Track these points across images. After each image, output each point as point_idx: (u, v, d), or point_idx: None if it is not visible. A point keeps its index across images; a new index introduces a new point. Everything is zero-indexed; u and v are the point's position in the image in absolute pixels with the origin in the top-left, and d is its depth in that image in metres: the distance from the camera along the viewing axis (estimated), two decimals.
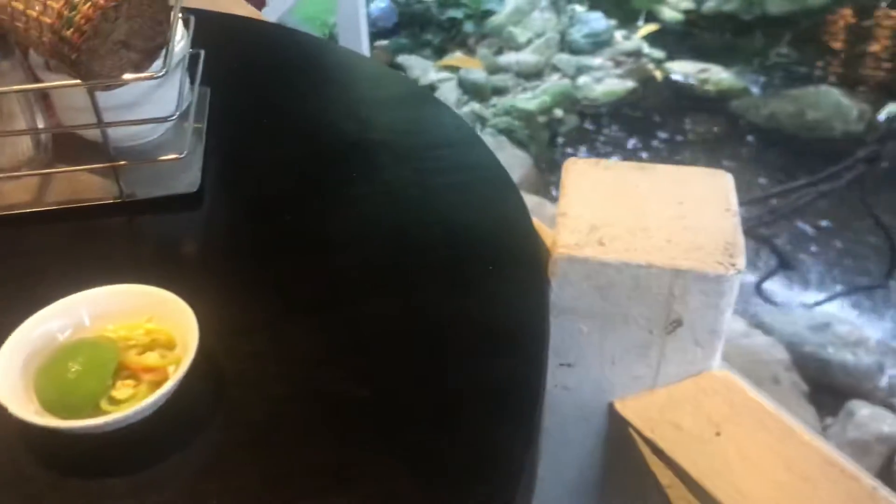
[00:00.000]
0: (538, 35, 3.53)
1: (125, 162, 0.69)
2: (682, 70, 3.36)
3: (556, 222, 0.66)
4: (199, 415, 0.52)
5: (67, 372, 0.50)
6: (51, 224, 0.68)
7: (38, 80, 0.68)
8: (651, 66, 3.40)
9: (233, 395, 0.53)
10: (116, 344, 0.52)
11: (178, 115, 0.68)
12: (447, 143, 0.81)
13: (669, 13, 3.70)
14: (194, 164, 0.72)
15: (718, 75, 3.27)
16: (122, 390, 0.50)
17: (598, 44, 3.50)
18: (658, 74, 3.36)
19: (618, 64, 3.41)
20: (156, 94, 0.70)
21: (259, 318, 0.60)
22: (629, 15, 3.69)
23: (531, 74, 3.34)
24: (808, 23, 3.58)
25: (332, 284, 0.63)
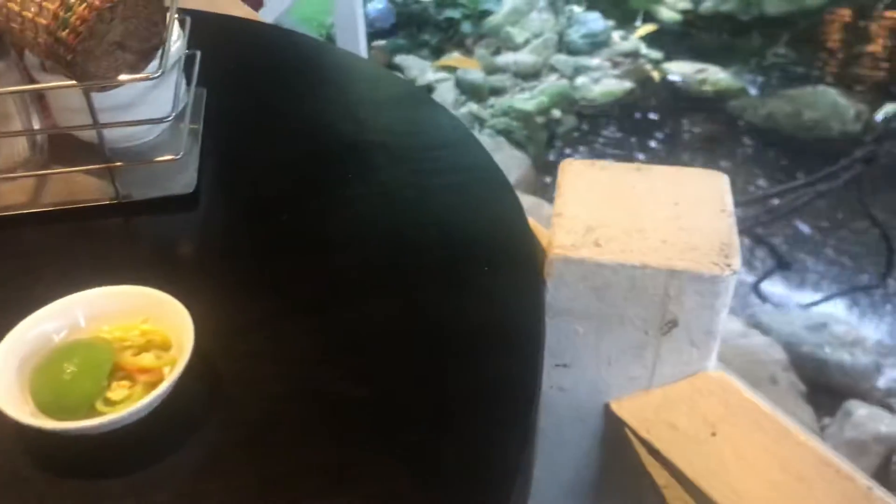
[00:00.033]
0: (536, 35, 3.53)
1: (121, 163, 0.69)
2: (679, 70, 3.36)
3: (551, 223, 0.66)
4: (195, 415, 0.51)
5: (63, 373, 0.50)
6: (47, 225, 0.68)
7: (33, 81, 0.68)
8: (649, 67, 3.40)
9: (229, 395, 0.53)
10: (112, 345, 0.52)
11: (174, 117, 0.68)
12: (444, 144, 0.81)
13: (667, 13, 3.71)
14: (190, 165, 0.72)
15: (716, 75, 3.28)
16: (118, 391, 0.50)
17: (595, 44, 3.51)
18: (656, 75, 3.37)
19: (615, 64, 3.41)
20: (152, 95, 0.70)
21: (256, 319, 0.60)
22: (627, 15, 3.69)
23: (529, 75, 3.34)
24: (805, 23, 3.59)
25: (329, 285, 0.63)
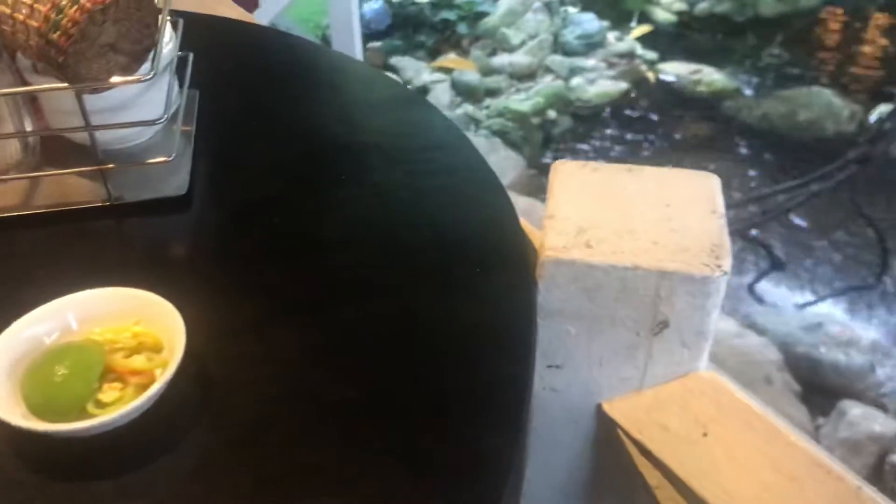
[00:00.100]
0: (531, 36, 3.53)
1: (113, 165, 0.69)
2: (674, 71, 3.37)
3: (543, 224, 0.66)
4: (187, 417, 0.52)
5: (54, 375, 0.50)
6: (39, 227, 0.68)
7: (25, 83, 0.68)
8: (644, 68, 3.41)
9: (221, 397, 0.54)
10: (103, 347, 0.52)
11: (166, 119, 0.68)
12: (437, 146, 0.81)
13: (662, 14, 3.71)
14: (183, 167, 0.72)
15: (711, 76, 3.28)
16: (109, 393, 0.50)
17: (591, 45, 3.51)
18: (651, 75, 3.37)
19: (611, 65, 3.42)
20: (144, 97, 0.70)
21: (248, 320, 0.60)
22: (622, 16, 3.70)
23: (524, 76, 3.34)
24: (800, 24, 3.59)
25: (322, 286, 0.63)
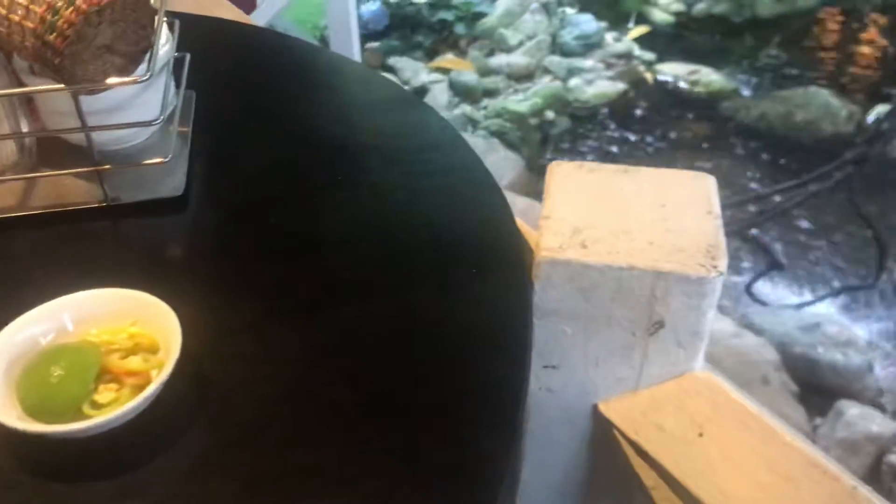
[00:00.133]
0: (529, 37, 3.53)
1: (110, 166, 0.69)
2: (672, 72, 3.37)
3: (539, 224, 0.66)
4: (183, 418, 0.52)
5: (50, 376, 0.50)
6: (35, 228, 0.68)
7: (22, 85, 0.68)
8: (642, 68, 3.41)
9: (218, 397, 0.54)
10: (99, 348, 0.52)
11: (162, 120, 0.68)
12: (433, 146, 0.81)
13: (660, 15, 3.71)
14: (179, 167, 0.72)
15: (709, 77, 3.29)
16: (105, 394, 0.50)
17: (588, 46, 3.51)
18: (649, 76, 3.37)
19: (609, 66, 3.42)
20: (140, 98, 0.70)
21: (245, 321, 0.60)
22: (620, 17, 3.70)
23: (522, 76, 3.35)
24: (797, 25, 3.60)
25: (319, 287, 0.63)
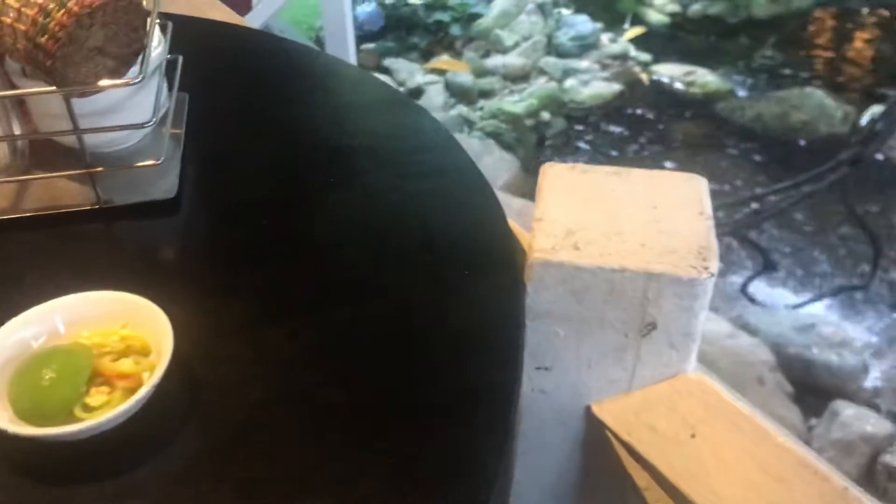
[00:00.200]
0: (525, 38, 3.54)
1: (102, 168, 0.69)
2: (668, 73, 3.38)
3: (531, 226, 0.66)
4: (175, 420, 0.52)
5: (41, 379, 0.50)
6: (27, 231, 0.68)
7: (14, 87, 0.68)
8: (637, 69, 3.42)
9: (209, 399, 0.54)
10: (91, 351, 0.52)
11: (154, 122, 0.68)
12: (427, 148, 0.82)
13: (655, 16, 3.72)
14: (172, 170, 0.72)
15: (704, 78, 3.30)
16: (96, 397, 0.50)
17: (584, 47, 3.52)
18: (644, 77, 3.38)
19: (604, 67, 3.43)
20: (133, 101, 0.70)
21: (237, 323, 0.60)
22: (615, 18, 3.71)
23: (518, 77, 3.35)
24: (792, 25, 3.61)
25: (312, 289, 0.63)
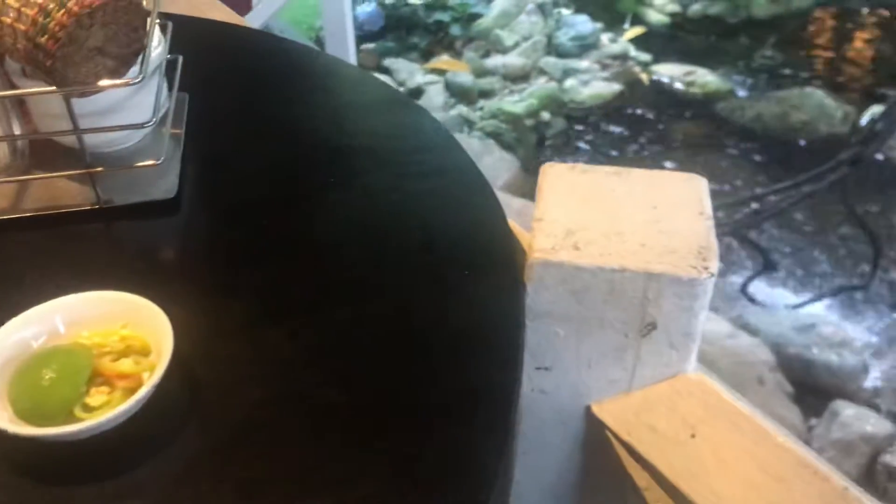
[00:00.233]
0: (525, 38, 3.54)
1: (102, 168, 0.69)
2: (668, 73, 3.38)
3: (532, 226, 0.66)
4: (175, 420, 0.52)
5: (41, 379, 0.50)
6: (27, 231, 0.68)
7: (14, 87, 0.68)
8: (637, 69, 3.42)
9: (210, 399, 0.54)
10: (91, 351, 0.52)
11: (154, 122, 0.68)
12: (427, 148, 0.82)
13: (655, 16, 3.72)
14: (172, 170, 0.72)
15: (704, 78, 3.30)
16: (96, 397, 0.50)
17: (584, 47, 3.52)
18: (644, 77, 3.38)
19: (604, 67, 3.43)
20: (133, 101, 0.70)
21: (237, 323, 0.60)
22: (615, 18, 3.71)
23: (518, 77, 3.35)
24: (792, 25, 3.61)
25: (311, 289, 0.63)
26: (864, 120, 2.94)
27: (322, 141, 0.81)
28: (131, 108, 0.70)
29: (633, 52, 3.50)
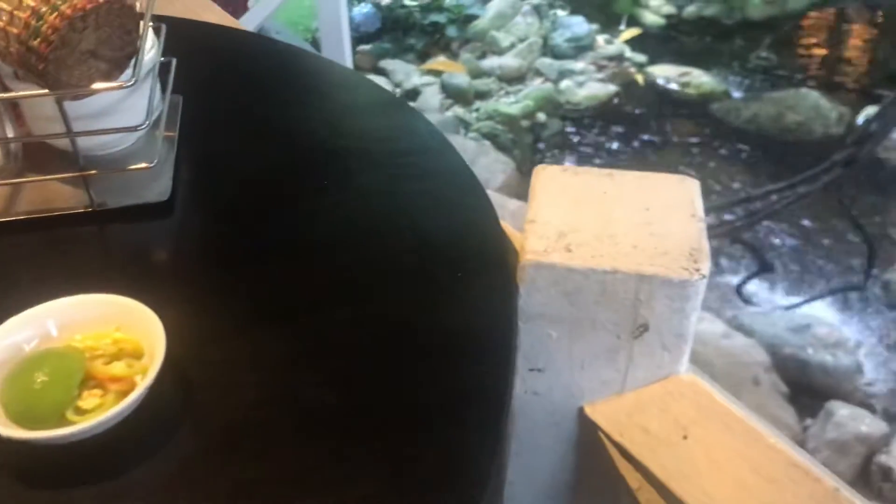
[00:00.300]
0: (521, 39, 3.54)
1: (95, 171, 0.69)
2: (663, 74, 3.38)
3: (524, 228, 0.67)
4: (168, 423, 0.52)
5: (33, 382, 0.50)
6: (20, 233, 0.68)
7: (6, 90, 0.68)
8: (633, 70, 3.42)
9: (202, 402, 0.54)
10: (83, 354, 0.52)
11: (147, 125, 0.68)
12: (420, 150, 0.82)
13: (651, 17, 3.73)
14: (165, 172, 0.72)
15: (699, 79, 3.30)
16: (89, 400, 0.50)
17: (580, 48, 3.53)
18: (640, 78, 3.39)
19: (600, 68, 3.43)
20: (126, 103, 0.70)
21: (230, 326, 0.60)
22: (611, 19, 3.72)
23: (514, 79, 3.36)
24: (788, 26, 3.62)
25: (305, 291, 0.63)
26: (859, 121, 2.95)
27: (316, 143, 0.81)
28: (125, 111, 0.70)
29: (628, 53, 3.50)
